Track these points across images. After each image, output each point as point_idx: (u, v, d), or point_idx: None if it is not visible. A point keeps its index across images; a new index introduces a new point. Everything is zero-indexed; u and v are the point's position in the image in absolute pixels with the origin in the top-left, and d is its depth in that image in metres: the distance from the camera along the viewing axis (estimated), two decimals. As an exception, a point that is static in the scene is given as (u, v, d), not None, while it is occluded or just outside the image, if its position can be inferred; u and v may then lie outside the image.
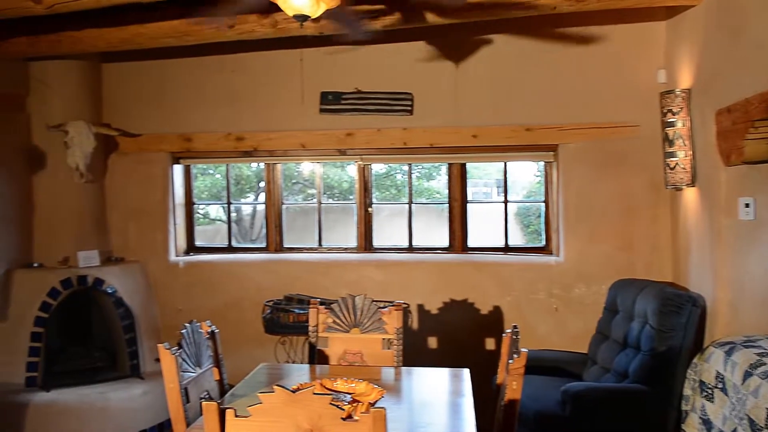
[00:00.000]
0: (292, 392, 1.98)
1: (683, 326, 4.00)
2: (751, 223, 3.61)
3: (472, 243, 5.68)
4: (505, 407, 2.69)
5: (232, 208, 6.34)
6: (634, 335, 4.28)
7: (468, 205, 5.68)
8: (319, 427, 1.98)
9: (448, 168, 5.70)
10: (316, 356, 3.83)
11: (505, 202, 5.65)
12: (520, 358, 2.63)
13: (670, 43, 4.94)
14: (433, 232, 6.02)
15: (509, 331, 3.01)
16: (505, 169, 5.68)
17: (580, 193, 5.24)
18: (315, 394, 1.98)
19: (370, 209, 5.77)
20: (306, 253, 5.82)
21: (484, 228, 6.17)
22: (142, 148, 5.81)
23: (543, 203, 5.63)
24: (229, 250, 6.05)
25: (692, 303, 4.05)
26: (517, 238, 7.46)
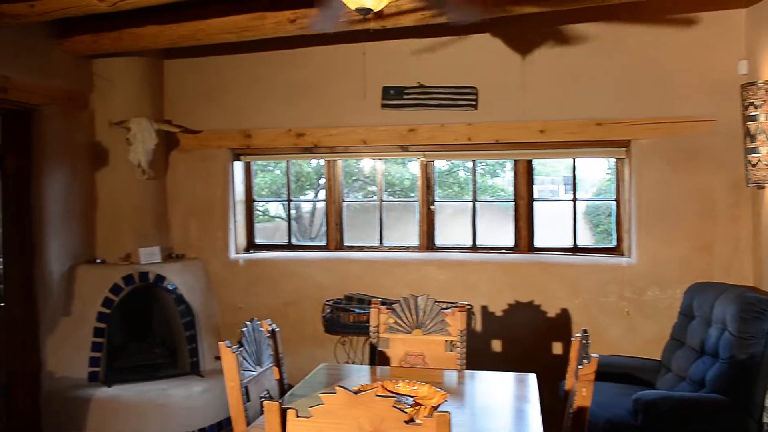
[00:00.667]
0: (354, 393, 2.00)
1: (765, 333, 3.87)
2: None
3: (538, 243, 5.61)
4: (574, 415, 2.65)
5: (292, 205, 6.42)
6: (711, 342, 4.15)
7: (534, 203, 5.62)
8: (381, 430, 1.99)
9: (514, 164, 5.65)
10: (377, 357, 3.85)
11: (574, 200, 5.56)
12: (590, 364, 2.59)
13: (752, 32, 4.77)
14: (498, 231, 5.97)
15: (578, 335, 2.97)
16: (574, 166, 5.60)
17: (654, 191, 5.12)
18: (377, 396, 1.99)
19: (432, 207, 5.76)
20: (366, 252, 5.85)
21: (551, 227, 6.09)
22: (203, 145, 5.94)
23: (614, 202, 5.52)
24: (289, 247, 6.13)
25: (776, 308, 3.92)
26: (585, 238, 7.34)
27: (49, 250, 5.25)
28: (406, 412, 1.98)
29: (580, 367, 2.61)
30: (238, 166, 6.07)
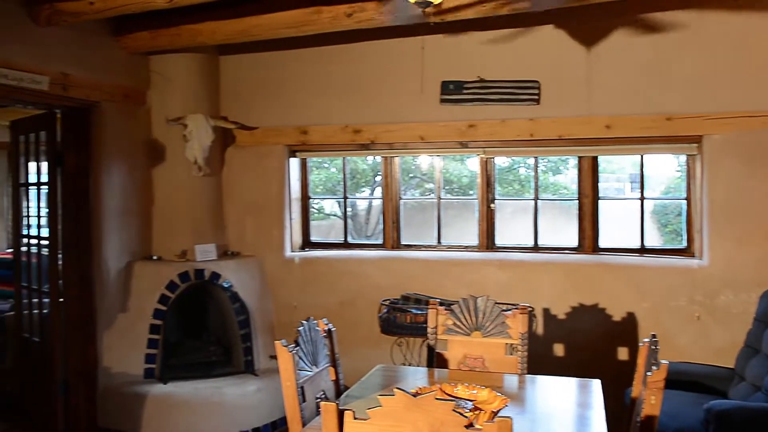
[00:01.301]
0: (413, 396, 2.00)
1: None
2: None
3: (603, 243, 5.52)
4: (642, 424, 2.61)
5: (347, 203, 6.46)
6: (790, 350, 4.03)
7: (599, 201, 5.53)
8: (441, 434, 1.99)
9: (578, 161, 5.57)
10: (435, 359, 3.85)
11: (642, 198, 5.45)
12: (659, 371, 2.54)
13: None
14: (561, 230, 5.90)
15: (647, 340, 2.91)
16: (642, 163, 5.48)
17: (729, 189, 4.98)
18: (437, 399, 1.99)
19: (492, 205, 5.72)
20: (424, 251, 5.86)
21: (616, 227, 5.99)
22: (259, 141, 6.03)
23: (684, 201, 5.39)
24: (345, 246, 6.18)
25: None
26: (653, 239, 7.20)
27: (106, 246, 5.41)
28: (466, 417, 1.98)
29: (649, 373, 2.57)
30: (294, 163, 6.14)
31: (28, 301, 5.71)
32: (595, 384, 3.44)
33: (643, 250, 5.42)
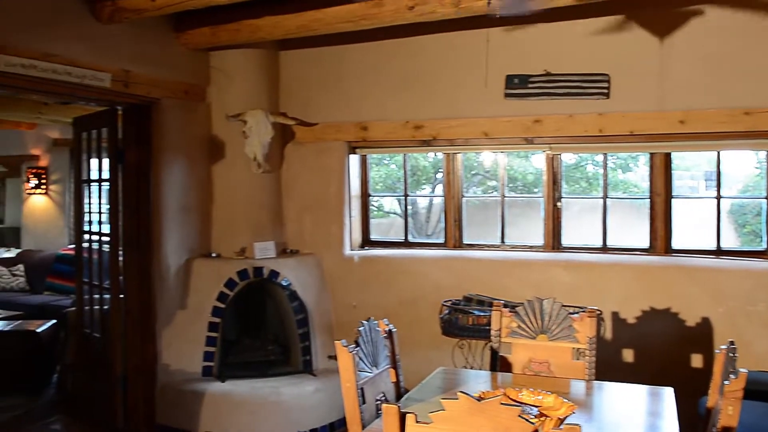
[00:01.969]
0: (477, 400, 1.99)
1: None
2: None
3: (676, 244, 5.39)
4: (718, 434, 2.54)
5: (408, 200, 6.46)
6: None
7: (672, 200, 5.40)
8: (505, 440, 1.98)
9: (650, 158, 5.45)
10: (498, 363, 3.83)
11: (718, 197, 5.31)
12: (737, 380, 2.47)
13: None
14: (631, 230, 5.80)
15: (724, 347, 2.84)
16: (718, 160, 5.33)
17: (813, 188, 4.81)
18: (502, 404, 1.98)
19: (558, 204, 5.65)
20: (487, 251, 5.82)
21: (691, 227, 5.85)
22: (319, 138, 6.08)
23: (764, 200, 5.23)
24: (405, 245, 6.19)
25: None
26: (730, 240, 7.01)
27: (166, 243, 5.54)
28: (532, 423, 1.97)
29: (726, 382, 2.51)
30: (354, 160, 6.18)
31: (89, 297, 5.90)
32: (667, 392, 3.37)
33: (719, 252, 5.27)
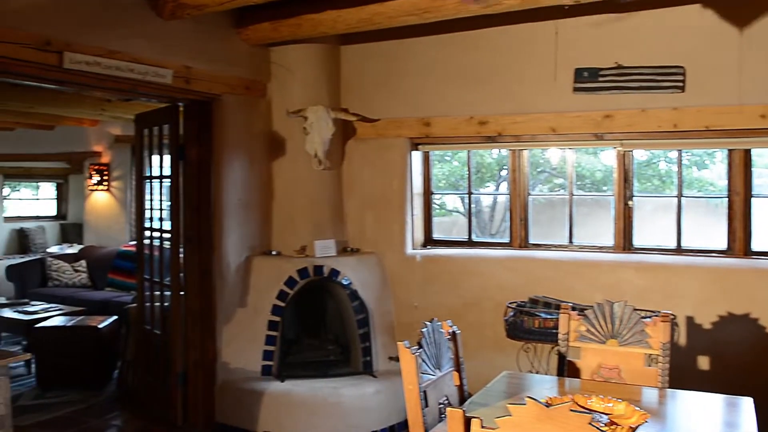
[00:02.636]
0: (546, 406, 1.98)
1: None
2: None
3: (757, 246, 5.23)
4: (803, 448, 2.47)
5: (472, 198, 6.43)
6: None
7: (752, 199, 5.25)
8: (575, 448, 1.96)
9: (728, 155, 5.31)
10: (566, 368, 3.79)
11: (802, 197, 5.15)
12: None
13: None
14: (707, 231, 5.66)
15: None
16: (803, 157, 5.18)
17: None
18: (571, 411, 1.95)
19: (630, 202, 5.55)
20: (554, 251, 5.75)
21: (772, 228, 5.68)
22: (380, 134, 6.10)
23: None
24: (469, 244, 6.16)
25: None
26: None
27: (227, 240, 5.64)
28: (603, 431, 1.94)
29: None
30: (416, 156, 6.18)
31: (149, 294, 6.05)
32: (746, 402, 3.28)
33: (803, 255, 5.11)
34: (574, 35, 5.38)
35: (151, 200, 6.10)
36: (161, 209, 6.18)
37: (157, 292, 5.95)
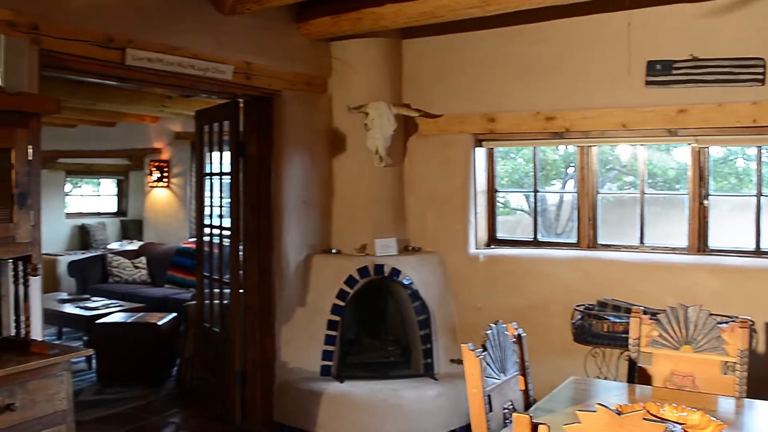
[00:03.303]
0: (617, 414, 1.95)
1: None
2: None
3: (842, 248, 5.07)
4: None
5: (537, 197, 6.36)
6: None
7: (840, 199, 5.09)
8: (648, 459, 1.92)
9: (813, 152, 5.15)
10: (636, 374, 3.73)
11: None
12: None
13: None
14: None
15: None
16: None
17: None
18: (644, 419, 1.92)
19: (705, 202, 5.42)
20: (624, 252, 5.65)
21: None
22: (443, 130, 6.09)
23: None
24: (535, 244, 6.11)
25: None
26: None
27: (286, 238, 5.71)
28: (678, 442, 1.90)
29: None
30: (480, 153, 6.15)
31: (209, 291, 6.15)
32: (829, 414, 3.18)
33: None
34: (646, 26, 5.27)
35: (211, 197, 6.20)
36: (221, 206, 6.28)
37: (217, 290, 6.05)
